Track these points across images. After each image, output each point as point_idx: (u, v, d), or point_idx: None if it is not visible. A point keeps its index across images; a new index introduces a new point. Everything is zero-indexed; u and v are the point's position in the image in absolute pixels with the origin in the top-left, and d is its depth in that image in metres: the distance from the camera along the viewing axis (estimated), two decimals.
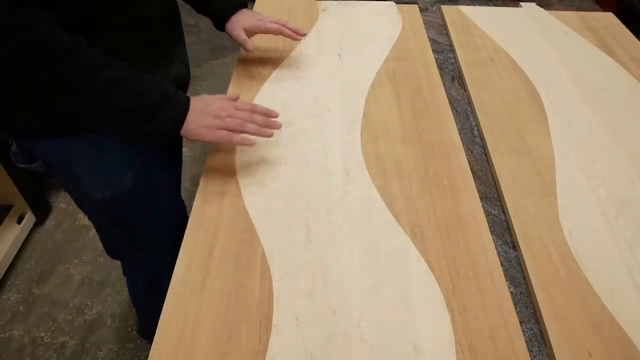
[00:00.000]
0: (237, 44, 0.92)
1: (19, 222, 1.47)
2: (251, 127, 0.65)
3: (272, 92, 0.84)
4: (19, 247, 1.47)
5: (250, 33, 0.87)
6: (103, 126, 0.64)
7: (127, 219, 0.80)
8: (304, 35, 0.89)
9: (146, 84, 0.62)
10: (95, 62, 0.57)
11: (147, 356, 0.50)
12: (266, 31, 0.88)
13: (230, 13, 0.87)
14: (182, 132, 0.64)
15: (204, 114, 0.64)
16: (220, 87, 0.88)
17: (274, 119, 0.69)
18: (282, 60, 0.92)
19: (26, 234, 1.50)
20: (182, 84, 0.78)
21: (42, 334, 1.29)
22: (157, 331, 0.52)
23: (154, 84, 0.62)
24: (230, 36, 0.87)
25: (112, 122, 0.62)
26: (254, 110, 0.68)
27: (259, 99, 0.82)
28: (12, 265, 1.44)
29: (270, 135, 0.67)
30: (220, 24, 0.88)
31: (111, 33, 0.63)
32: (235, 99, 0.70)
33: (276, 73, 0.89)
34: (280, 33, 0.88)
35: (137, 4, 0.64)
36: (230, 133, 0.64)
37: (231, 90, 0.84)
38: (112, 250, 0.90)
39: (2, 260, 1.38)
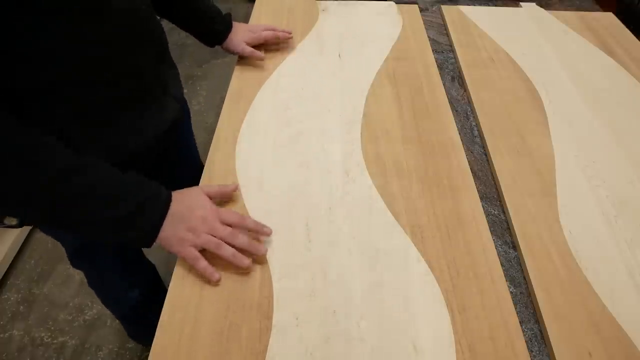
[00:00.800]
0: None
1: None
2: (226, 251, 0.56)
3: (272, 92, 0.84)
4: (19, 247, 1.47)
5: (249, 45, 0.90)
6: (69, 232, 0.62)
7: (94, 259, 0.82)
8: (291, 33, 0.95)
9: (121, 190, 0.54)
10: (61, 168, 0.50)
11: (147, 356, 0.50)
12: (262, 40, 0.91)
13: (229, 30, 0.89)
14: (157, 240, 0.56)
15: (181, 222, 0.56)
16: (220, 87, 0.88)
17: (260, 244, 0.59)
18: (282, 60, 0.92)
19: (26, 234, 1.51)
20: (177, 122, 0.72)
21: (42, 334, 1.29)
22: (157, 331, 0.52)
23: (129, 190, 0.54)
24: (232, 52, 0.90)
25: (80, 231, 0.56)
26: (242, 224, 0.58)
27: (258, 98, 0.82)
28: (12, 265, 1.44)
29: (246, 266, 0.56)
30: (217, 42, 0.89)
31: (101, 88, 0.57)
32: (231, 192, 0.63)
33: (276, 73, 0.89)
34: (276, 38, 0.92)
35: (127, 53, 0.58)
36: (197, 256, 0.55)
37: (232, 90, 0.85)
38: (72, 264, 0.88)
39: (2, 260, 1.38)
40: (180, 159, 0.78)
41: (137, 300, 0.94)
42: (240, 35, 0.89)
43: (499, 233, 0.64)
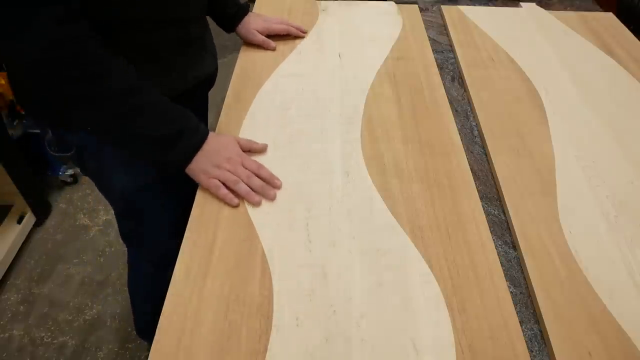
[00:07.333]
0: (237, 44, 0.94)
1: (19, 222, 1.47)
2: (242, 188, 0.64)
3: (272, 92, 0.84)
4: (19, 247, 1.47)
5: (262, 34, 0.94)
6: (118, 145, 0.67)
7: (143, 211, 0.85)
8: (306, 32, 0.98)
9: (169, 115, 0.64)
10: (124, 87, 0.60)
11: (147, 356, 0.50)
12: (273, 32, 0.95)
13: (241, 17, 0.93)
14: (187, 168, 0.66)
15: (210, 159, 0.65)
16: (220, 87, 0.88)
17: (272, 190, 0.66)
18: (282, 60, 0.92)
19: (26, 234, 1.51)
20: (211, 78, 0.85)
21: (42, 334, 1.29)
22: (157, 331, 0.52)
23: (176, 115, 0.65)
24: (245, 39, 0.95)
25: (128, 145, 0.65)
26: (258, 172, 0.67)
27: (259, 99, 0.82)
28: (12, 265, 1.44)
29: (257, 203, 0.64)
30: (231, 27, 0.94)
31: (152, 32, 0.66)
32: (259, 149, 0.71)
33: (276, 73, 0.89)
34: (287, 32, 0.96)
35: (180, 3, 0.68)
36: (218, 185, 0.64)
37: (232, 90, 0.85)
38: (124, 236, 0.94)
39: (2, 260, 1.38)
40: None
41: None
42: (252, 23, 0.94)
43: (499, 233, 0.64)
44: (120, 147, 0.68)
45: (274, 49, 0.94)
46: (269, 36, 0.94)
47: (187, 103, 0.72)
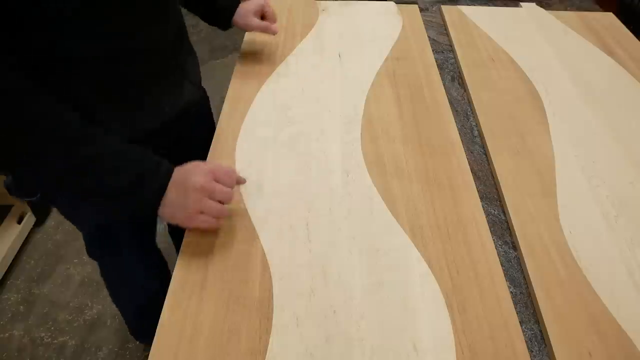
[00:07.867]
0: (237, 44, 0.93)
1: (19, 222, 1.47)
2: (223, 212, 0.59)
3: (272, 92, 0.84)
4: (19, 247, 1.47)
5: (257, 17, 0.85)
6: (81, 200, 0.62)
7: (114, 246, 0.82)
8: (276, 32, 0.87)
9: (123, 162, 0.55)
10: (59, 145, 0.52)
11: (147, 356, 0.50)
12: (266, 15, 0.86)
13: (235, 6, 0.84)
14: (162, 216, 0.58)
15: (180, 206, 0.57)
16: (220, 87, 0.88)
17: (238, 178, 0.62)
18: (282, 60, 0.92)
19: (26, 234, 1.50)
20: (195, 106, 0.76)
21: (42, 334, 1.29)
22: (157, 331, 0.52)
23: (130, 161, 0.56)
24: (245, 26, 0.85)
25: (86, 197, 0.59)
26: (233, 184, 0.60)
27: (259, 98, 0.82)
28: (12, 265, 1.44)
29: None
30: (227, 21, 0.85)
31: (111, 67, 0.58)
32: (219, 173, 0.60)
33: (276, 73, 0.89)
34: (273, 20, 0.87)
35: (145, 32, 0.60)
36: (210, 221, 0.58)
37: (232, 90, 0.85)
38: (91, 255, 0.90)
39: (2, 260, 1.38)
40: (197, 143, 0.77)
41: (156, 292, 0.94)
42: (247, 7, 0.84)
43: (499, 233, 0.64)
44: (83, 200, 0.63)
45: (275, 33, 0.85)
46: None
47: (170, 136, 0.70)
